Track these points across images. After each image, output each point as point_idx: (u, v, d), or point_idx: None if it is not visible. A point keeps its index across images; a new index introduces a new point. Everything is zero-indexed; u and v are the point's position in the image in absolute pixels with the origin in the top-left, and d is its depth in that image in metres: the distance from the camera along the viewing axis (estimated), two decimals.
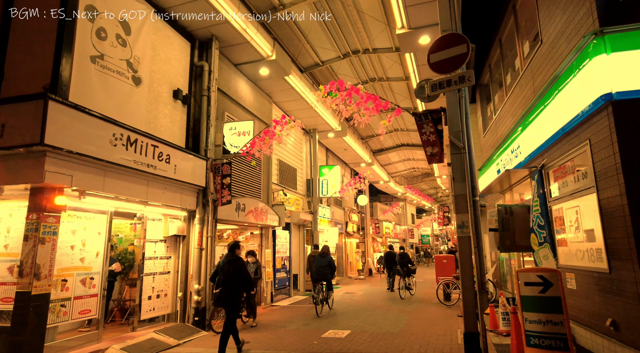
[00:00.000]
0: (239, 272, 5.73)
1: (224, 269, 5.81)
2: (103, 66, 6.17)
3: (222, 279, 5.75)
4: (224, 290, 5.65)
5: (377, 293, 13.52)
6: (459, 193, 5.62)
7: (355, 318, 8.61)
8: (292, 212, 13.40)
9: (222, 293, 5.64)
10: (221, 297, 5.64)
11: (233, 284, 5.69)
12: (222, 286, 5.70)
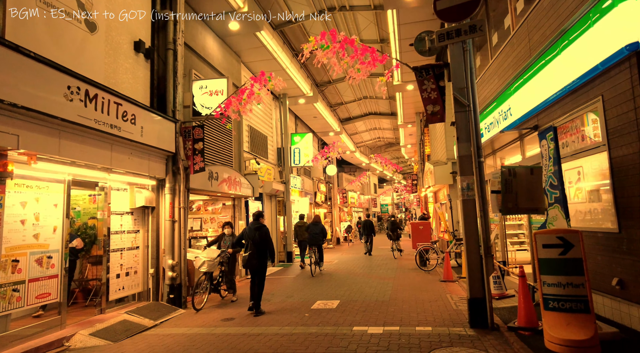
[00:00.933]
0: (264, 238, 6.54)
1: (250, 235, 6.60)
2: (47, 3, 5.08)
3: (249, 244, 6.53)
4: (252, 254, 6.44)
5: (351, 261, 13.41)
6: (463, 154, 5.29)
7: (340, 288, 8.34)
8: (265, 181, 12.76)
9: (251, 257, 6.43)
10: (250, 259, 6.43)
11: (260, 248, 6.49)
12: (250, 250, 6.48)
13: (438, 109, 5.62)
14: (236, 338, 5.08)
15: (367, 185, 37.83)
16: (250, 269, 6.56)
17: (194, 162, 7.19)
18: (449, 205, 12.55)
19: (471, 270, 5.08)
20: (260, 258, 6.48)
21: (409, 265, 11.87)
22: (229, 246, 7.56)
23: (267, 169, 13.26)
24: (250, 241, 6.58)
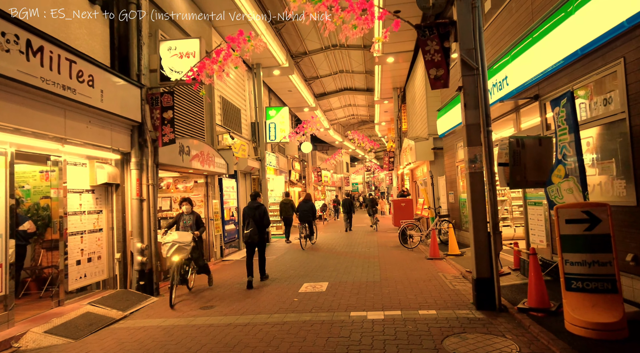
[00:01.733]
0: (262, 215, 7.10)
1: (249, 214, 7.03)
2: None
3: (250, 222, 6.97)
4: (253, 231, 6.92)
5: (331, 239, 13.02)
6: (471, 122, 4.81)
7: (325, 269, 7.88)
8: (239, 158, 11.97)
9: (252, 233, 6.92)
10: (252, 235, 6.91)
11: (260, 225, 7.01)
12: (251, 227, 6.92)
13: (442, 73, 5.08)
14: (220, 330, 4.50)
15: (340, 163, 37.50)
16: (252, 244, 7.03)
17: (163, 132, 6.36)
18: (431, 182, 12.30)
19: (478, 248, 4.70)
20: (260, 233, 7.04)
21: (389, 243, 11.60)
22: (192, 226, 6.48)
23: (242, 144, 12.44)
24: (250, 219, 7.01)
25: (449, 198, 11.34)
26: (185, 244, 6.05)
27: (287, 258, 9.60)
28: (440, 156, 12.40)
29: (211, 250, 9.88)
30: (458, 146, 10.43)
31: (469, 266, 7.17)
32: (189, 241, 6.09)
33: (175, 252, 5.96)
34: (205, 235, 9.85)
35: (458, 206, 10.51)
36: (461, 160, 10.23)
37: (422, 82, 13.18)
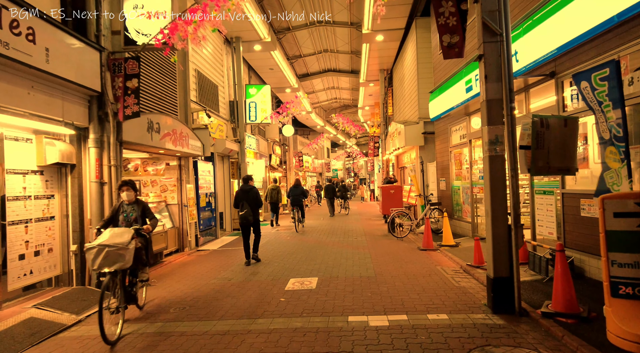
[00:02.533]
0: (255, 197, 7.36)
1: (242, 197, 7.30)
2: None
3: (244, 204, 7.25)
4: (247, 212, 7.21)
5: (315, 227, 12.34)
6: (492, 97, 4.12)
7: (313, 261, 7.19)
8: (216, 139, 11.02)
9: (246, 215, 7.21)
10: (247, 217, 7.22)
11: (253, 206, 7.32)
12: (245, 209, 7.21)
13: (457, 39, 4.36)
14: (194, 341, 3.73)
15: (321, 149, 36.73)
16: (247, 225, 7.33)
17: (125, 104, 5.42)
18: (420, 168, 11.72)
19: (497, 243, 4.08)
20: (254, 214, 7.35)
21: (376, 231, 11.02)
22: (136, 221, 4.62)
23: (219, 125, 11.47)
24: (243, 201, 7.28)
25: (439, 186, 10.80)
26: (120, 247, 3.93)
27: (270, 249, 8.86)
28: (431, 141, 11.82)
29: (185, 239, 9.01)
30: (452, 130, 9.83)
31: (469, 258, 6.64)
32: (125, 243, 3.96)
33: (105, 260, 3.89)
34: (179, 223, 8.97)
35: (450, 193, 9.98)
36: (455, 145, 9.65)
37: (413, 62, 12.47)
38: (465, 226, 9.08)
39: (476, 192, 8.46)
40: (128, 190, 4.67)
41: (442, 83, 9.74)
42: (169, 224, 8.78)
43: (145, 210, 4.73)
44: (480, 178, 8.22)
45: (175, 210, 9.07)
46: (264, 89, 13.36)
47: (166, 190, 9.16)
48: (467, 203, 9.03)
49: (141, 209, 4.70)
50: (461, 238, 8.73)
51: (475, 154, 8.63)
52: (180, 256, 8.42)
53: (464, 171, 9.21)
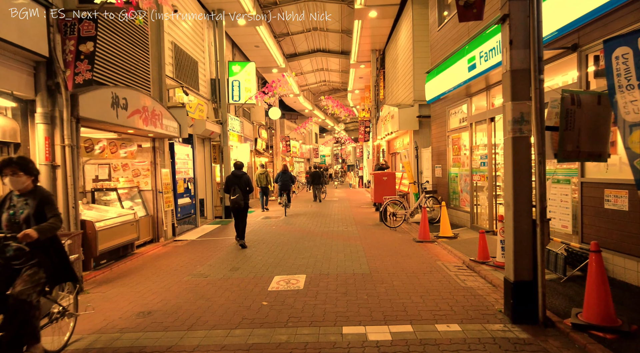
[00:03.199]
0: (247, 183, 7.51)
1: (234, 182, 7.44)
2: None
3: (235, 189, 7.37)
4: (239, 197, 7.33)
5: (302, 216, 11.66)
6: (518, 67, 3.43)
7: (300, 254, 6.52)
8: (196, 120, 10.16)
9: (238, 199, 7.32)
10: (238, 201, 7.33)
11: (245, 191, 7.45)
12: (237, 194, 7.33)
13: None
14: None
15: (309, 134, 35.88)
16: (239, 209, 7.47)
17: (76, 70, 4.55)
18: (415, 154, 11.09)
19: (519, 241, 3.44)
20: (245, 199, 7.51)
21: (367, 220, 10.41)
22: (28, 221, 2.94)
23: (199, 104, 10.58)
24: (235, 186, 7.45)
25: (434, 172, 10.20)
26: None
27: (255, 239, 8.15)
28: (426, 125, 11.16)
29: (160, 228, 8.23)
30: (451, 113, 9.17)
31: (471, 253, 6.06)
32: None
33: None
34: (154, 211, 8.18)
35: (447, 181, 9.38)
36: (453, 129, 9.01)
37: (408, 41, 11.70)
38: (463, 216, 8.51)
39: (476, 180, 7.86)
40: (15, 173, 2.93)
41: (440, 62, 9.02)
42: (142, 212, 7.98)
43: (44, 203, 2.98)
44: (483, 164, 7.61)
45: (149, 197, 8.26)
46: (249, 67, 12.43)
47: (139, 174, 8.32)
48: (465, 191, 8.45)
49: (36, 204, 2.96)
50: (459, 229, 8.17)
51: (477, 139, 8.01)
52: (155, 247, 7.66)
53: (462, 157, 8.60)
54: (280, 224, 10.21)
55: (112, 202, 7.60)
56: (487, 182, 7.34)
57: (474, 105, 8.10)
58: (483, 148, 7.77)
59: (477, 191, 8.07)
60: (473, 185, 8.04)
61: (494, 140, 7.24)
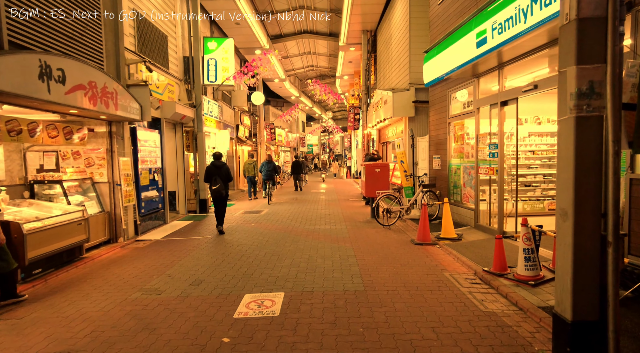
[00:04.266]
0: (227, 173, 7.81)
1: (215, 172, 7.69)
2: None
3: (216, 179, 7.65)
4: (220, 186, 7.66)
5: (284, 211, 10.58)
6: (589, 14, 2.40)
7: (279, 260, 5.46)
8: (164, 102, 8.92)
9: (219, 188, 7.65)
10: (219, 190, 7.65)
11: (225, 180, 7.77)
12: (218, 184, 7.65)
13: None
14: None
15: (296, 122, 34.63)
16: (220, 198, 7.69)
17: None
18: (411, 144, 10.07)
19: (580, 265, 2.44)
20: (225, 188, 7.72)
21: (357, 216, 9.40)
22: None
23: (169, 84, 9.32)
24: (216, 176, 7.62)
25: (432, 164, 9.21)
26: None
27: (228, 240, 7.06)
28: (423, 112, 10.14)
29: (118, 227, 7.07)
30: (453, 97, 8.14)
31: (481, 260, 5.09)
32: None
33: None
34: (111, 207, 7.00)
35: (447, 173, 8.40)
36: (456, 116, 7.99)
37: (404, 17, 10.58)
38: (466, 213, 7.56)
39: (483, 173, 6.88)
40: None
41: (441, 39, 7.96)
42: (96, 208, 6.81)
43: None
44: (492, 155, 6.62)
45: (105, 190, 7.07)
46: (226, 44, 11.14)
47: (92, 164, 7.11)
48: (469, 185, 7.48)
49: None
50: (462, 229, 7.21)
51: (483, 127, 7.01)
52: (111, 249, 6.52)
53: (466, 147, 7.61)
54: (262, 220, 9.12)
55: (58, 196, 6.40)
56: (498, 176, 6.36)
57: (481, 88, 7.09)
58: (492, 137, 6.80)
59: (483, 185, 7.10)
60: (479, 178, 7.07)
61: (506, 128, 6.25)
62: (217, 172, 7.63)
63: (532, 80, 5.62)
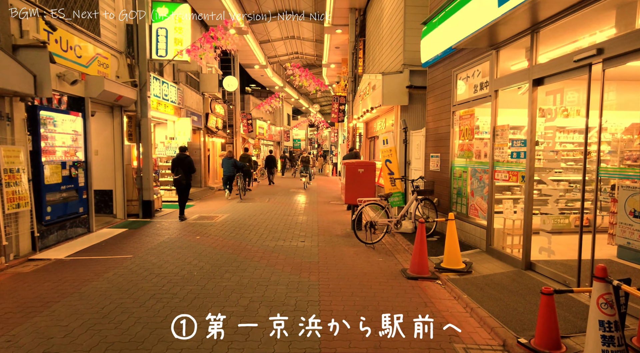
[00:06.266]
0: (189, 165, 8.37)
1: (178, 163, 8.30)
2: None
3: (179, 170, 8.25)
4: (181, 177, 8.26)
5: (249, 214, 8.67)
6: None
7: (198, 309, 3.58)
8: (88, 76, 6.90)
9: (181, 179, 8.26)
10: (181, 181, 8.27)
11: (187, 172, 8.36)
12: (180, 174, 8.25)
13: None
14: None
15: (280, 114, 32.60)
16: (181, 186, 8.35)
17: None
18: (403, 139, 8.22)
19: None
20: (187, 179, 8.38)
21: (335, 227, 7.55)
22: None
23: (99, 55, 7.31)
24: (179, 167, 8.25)
25: (429, 164, 7.38)
26: None
27: (150, 264, 5.13)
28: (418, 100, 8.31)
29: None
30: (459, 78, 6.30)
31: (503, 310, 3.31)
32: None
33: None
34: None
35: (448, 177, 6.58)
36: (463, 102, 6.15)
37: None
38: (474, 231, 5.75)
39: (501, 178, 5.07)
40: None
41: (445, 4, 6.12)
42: None
43: None
44: (516, 156, 4.80)
45: None
46: (180, 10, 9.08)
47: None
48: (479, 194, 5.66)
49: None
50: (469, 253, 5.41)
51: (501, 117, 5.20)
52: None
53: (476, 144, 5.79)
54: (212, 231, 7.19)
55: None
56: (525, 184, 4.55)
57: (502, 64, 5.25)
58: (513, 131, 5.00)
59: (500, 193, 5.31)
60: (494, 185, 5.26)
61: (543, 117, 4.44)
62: (180, 164, 8.31)
63: (585, 46, 3.79)
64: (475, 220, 5.81)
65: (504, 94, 5.20)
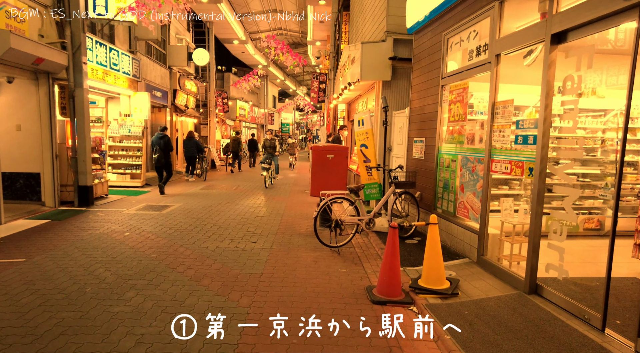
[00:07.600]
0: (167, 144, 8.78)
1: (157, 142, 8.75)
2: None
3: (157, 149, 8.69)
4: (160, 156, 8.70)
5: (198, 209, 7.44)
6: None
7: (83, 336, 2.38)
8: None
9: (160, 157, 8.70)
10: (160, 159, 8.71)
11: (166, 151, 8.79)
12: (158, 153, 8.70)
13: None
14: None
15: (265, 95, 31.06)
16: (160, 165, 8.78)
17: None
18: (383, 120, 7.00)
19: None
20: (166, 157, 8.79)
21: (300, 223, 6.37)
22: None
23: (5, 3, 5.90)
24: (157, 146, 8.70)
25: (412, 151, 6.20)
26: None
27: (41, 273, 3.91)
28: (402, 75, 7.07)
29: None
30: (452, 43, 5.06)
31: None
32: None
33: None
34: None
35: (433, 166, 5.40)
36: (455, 73, 4.91)
37: None
38: (462, 235, 4.60)
39: (500, 170, 3.90)
40: None
41: None
42: None
43: None
44: (521, 141, 3.62)
45: None
46: None
47: None
48: (470, 189, 4.50)
49: None
50: (455, 263, 4.28)
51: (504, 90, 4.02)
52: None
53: (469, 126, 4.60)
54: (146, 226, 5.95)
55: None
56: (533, 178, 3.39)
57: (506, 22, 4.02)
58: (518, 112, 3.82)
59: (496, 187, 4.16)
60: (490, 178, 4.09)
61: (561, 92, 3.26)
62: (158, 143, 8.70)
63: None
64: (464, 221, 4.67)
65: (506, 62, 3.99)
